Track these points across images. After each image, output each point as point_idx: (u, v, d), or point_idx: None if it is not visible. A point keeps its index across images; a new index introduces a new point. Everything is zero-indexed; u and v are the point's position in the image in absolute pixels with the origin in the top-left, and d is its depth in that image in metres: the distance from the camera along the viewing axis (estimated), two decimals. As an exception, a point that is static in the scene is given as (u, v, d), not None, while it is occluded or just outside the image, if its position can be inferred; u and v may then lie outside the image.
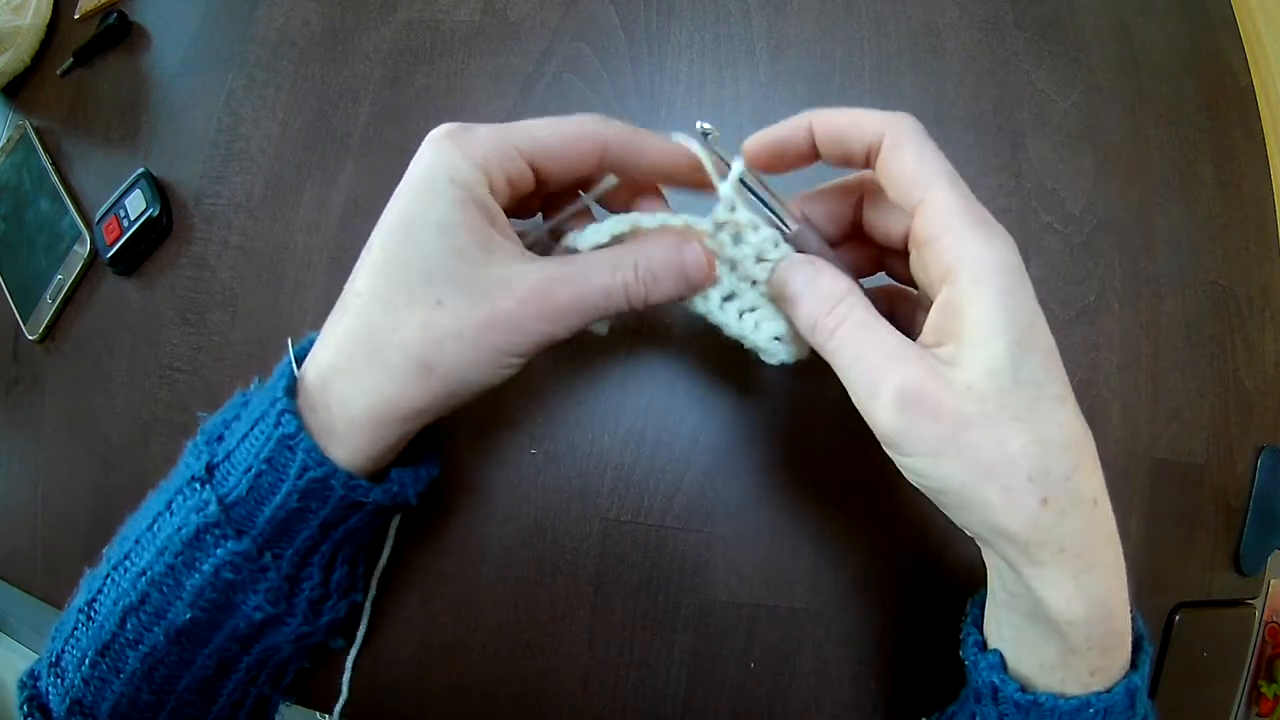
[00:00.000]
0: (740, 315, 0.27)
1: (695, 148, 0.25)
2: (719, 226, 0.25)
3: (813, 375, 0.33)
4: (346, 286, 0.24)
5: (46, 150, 0.46)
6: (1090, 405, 0.36)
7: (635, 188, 0.28)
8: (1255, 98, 0.44)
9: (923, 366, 0.21)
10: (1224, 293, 0.40)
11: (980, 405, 0.20)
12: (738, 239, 0.26)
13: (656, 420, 0.33)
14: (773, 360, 0.27)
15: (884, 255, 0.28)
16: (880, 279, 0.29)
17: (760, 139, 0.25)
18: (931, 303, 0.23)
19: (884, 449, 0.23)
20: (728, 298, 0.27)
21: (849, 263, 0.28)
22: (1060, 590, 0.21)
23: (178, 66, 0.44)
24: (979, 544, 0.23)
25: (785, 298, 0.25)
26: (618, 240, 0.26)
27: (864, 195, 0.27)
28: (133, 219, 0.40)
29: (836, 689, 0.32)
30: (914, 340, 0.23)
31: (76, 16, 0.50)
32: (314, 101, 0.40)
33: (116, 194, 0.41)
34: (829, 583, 0.33)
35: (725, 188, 0.25)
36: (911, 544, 0.33)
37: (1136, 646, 0.24)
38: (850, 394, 0.23)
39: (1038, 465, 0.20)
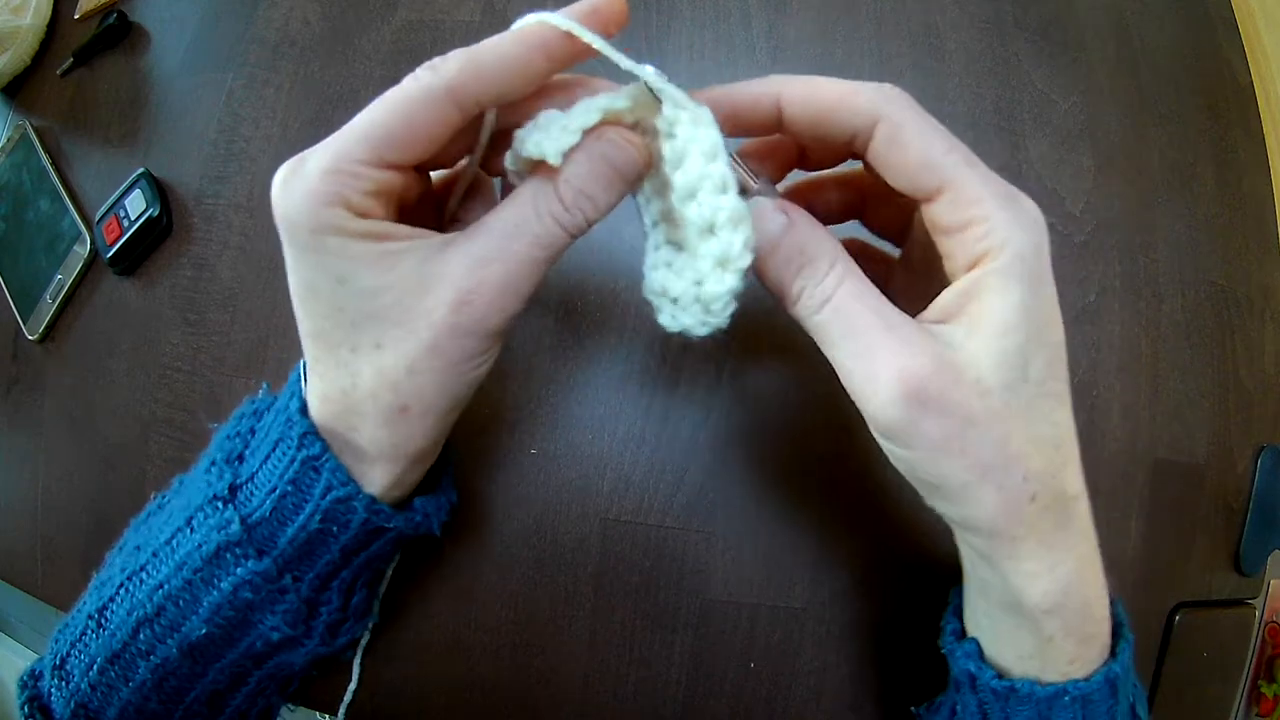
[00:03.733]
0: (656, 247, 0.23)
1: (651, 85, 0.21)
2: (671, 125, 0.21)
3: (813, 374, 0.34)
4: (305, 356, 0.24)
5: (46, 150, 0.46)
6: (1090, 405, 0.36)
7: (554, 84, 0.23)
8: (1255, 98, 0.44)
9: (929, 354, 0.20)
10: (1224, 293, 0.39)
11: (985, 401, 0.20)
12: (678, 163, 0.21)
13: (656, 420, 0.33)
14: (663, 318, 0.23)
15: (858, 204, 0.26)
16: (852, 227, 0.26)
17: (715, 102, 0.22)
18: (909, 262, 0.22)
19: (873, 434, 0.21)
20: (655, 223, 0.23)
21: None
22: (1037, 583, 0.21)
23: (178, 66, 0.44)
24: (953, 531, 0.23)
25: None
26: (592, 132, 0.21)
27: (866, 195, 0.26)
28: (133, 219, 0.40)
29: (836, 689, 0.32)
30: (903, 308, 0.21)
31: (76, 16, 0.50)
32: (314, 101, 0.40)
33: (116, 194, 0.41)
34: (829, 583, 0.33)
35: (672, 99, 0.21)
36: (911, 543, 0.33)
37: (1116, 634, 0.23)
38: (839, 374, 0.21)
39: (1032, 465, 0.20)
